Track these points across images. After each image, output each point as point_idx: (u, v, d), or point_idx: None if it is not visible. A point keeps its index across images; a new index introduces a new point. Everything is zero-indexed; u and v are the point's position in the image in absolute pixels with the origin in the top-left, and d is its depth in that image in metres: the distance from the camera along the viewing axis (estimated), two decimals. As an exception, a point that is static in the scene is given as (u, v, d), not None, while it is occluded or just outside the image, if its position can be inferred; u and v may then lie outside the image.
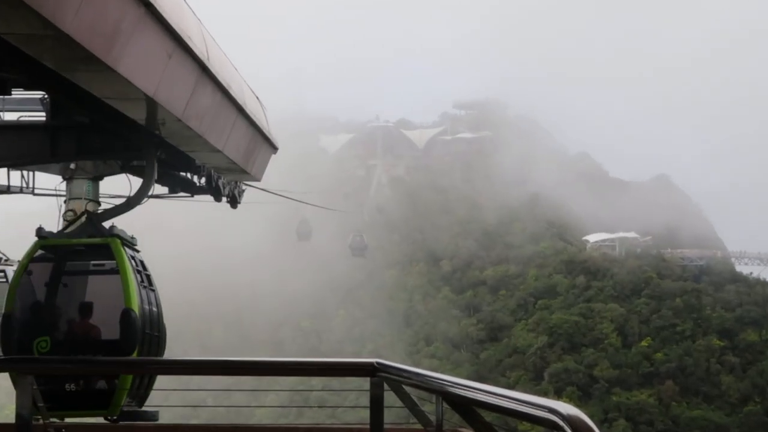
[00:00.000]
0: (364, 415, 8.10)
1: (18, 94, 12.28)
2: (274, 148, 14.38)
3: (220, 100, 10.49)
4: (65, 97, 9.59)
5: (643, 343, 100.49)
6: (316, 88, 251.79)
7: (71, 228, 12.01)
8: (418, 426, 7.75)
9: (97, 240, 11.20)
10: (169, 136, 10.49)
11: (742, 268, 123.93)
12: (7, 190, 15.39)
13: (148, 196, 11.90)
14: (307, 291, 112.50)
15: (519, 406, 4.98)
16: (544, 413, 4.59)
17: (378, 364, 7.83)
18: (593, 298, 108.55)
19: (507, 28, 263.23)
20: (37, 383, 10.70)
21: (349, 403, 66.53)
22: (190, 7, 9.29)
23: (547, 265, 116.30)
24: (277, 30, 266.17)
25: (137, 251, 11.73)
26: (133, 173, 13.12)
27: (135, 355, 10.75)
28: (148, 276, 11.62)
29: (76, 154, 12.04)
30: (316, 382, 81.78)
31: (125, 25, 7.23)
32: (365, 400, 7.95)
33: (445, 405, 6.70)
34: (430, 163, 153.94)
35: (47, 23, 6.05)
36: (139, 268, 11.36)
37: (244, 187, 16.84)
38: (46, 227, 11.63)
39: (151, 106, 8.80)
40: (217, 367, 9.94)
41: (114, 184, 14.24)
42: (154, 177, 11.61)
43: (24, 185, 15.62)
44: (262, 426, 12.61)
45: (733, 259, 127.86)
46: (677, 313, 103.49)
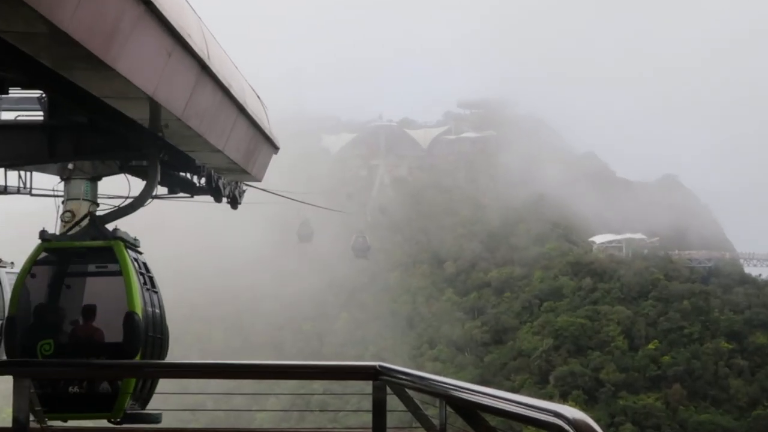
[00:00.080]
0: (366, 419, 8.10)
1: (15, 93, 12.28)
2: (275, 148, 14.38)
3: (220, 99, 10.48)
4: (63, 97, 9.59)
5: (650, 346, 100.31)
6: (317, 88, 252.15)
7: (74, 230, 12.06)
8: (422, 430, 7.73)
9: (101, 243, 11.28)
10: (169, 136, 10.50)
11: (751, 270, 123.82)
12: (4, 191, 15.38)
13: (160, 197, 11.96)
14: (309, 293, 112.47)
15: (524, 410, 4.99)
16: (550, 417, 4.60)
17: (381, 367, 7.84)
18: (599, 300, 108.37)
19: (507, 28, 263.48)
20: (40, 386, 10.82)
21: (351, 407, 66.49)
22: (190, 5, 9.28)
23: (552, 267, 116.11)
24: (277, 30, 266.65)
25: (140, 253, 11.80)
26: (132, 173, 13.14)
27: (138, 358, 10.82)
28: (151, 278, 11.71)
29: (74, 154, 12.05)
30: (317, 385, 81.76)
31: (124, 23, 7.23)
32: (368, 403, 7.95)
33: (448, 409, 6.70)
34: (434, 162, 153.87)
35: (45, 21, 6.05)
36: (142, 270, 11.44)
37: (245, 187, 16.84)
38: (44, 228, 11.68)
39: (151, 105, 8.80)
40: (219, 370, 9.95)
41: (112, 185, 14.24)
42: (157, 179, 11.67)
43: (21, 185, 15.62)
44: (263, 430, 12.63)
45: (741, 260, 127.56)
46: (685, 316, 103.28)
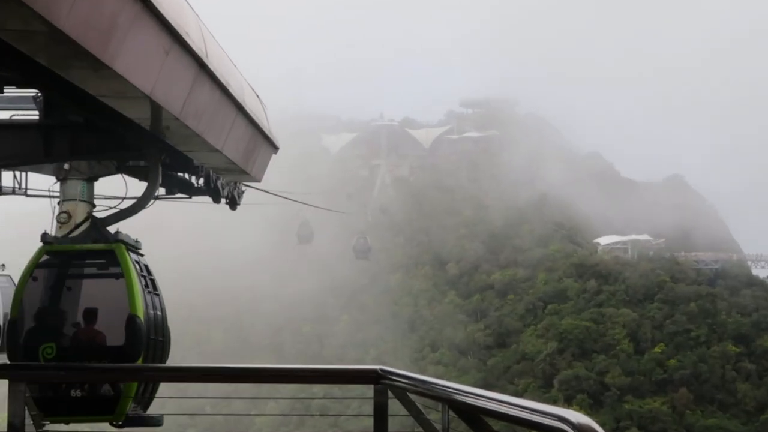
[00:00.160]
0: (367, 424, 8.09)
1: (10, 92, 12.28)
2: (274, 148, 14.37)
3: (218, 97, 10.47)
4: (59, 95, 9.60)
5: (656, 349, 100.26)
6: (317, 87, 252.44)
7: (75, 232, 12.12)
8: (424, 435, 7.74)
9: (102, 246, 11.37)
10: (168, 136, 10.51)
11: (759, 272, 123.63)
12: (-2, 191, 15.41)
13: (157, 198, 12.00)
14: (309, 295, 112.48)
15: (528, 415, 4.98)
16: (554, 422, 4.60)
17: (382, 371, 7.84)
18: (604, 302, 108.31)
19: (507, 27, 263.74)
20: (41, 390, 10.91)
21: (352, 411, 66.53)
22: (189, 3, 9.28)
23: (556, 269, 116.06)
24: (277, 30, 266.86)
25: (141, 255, 11.85)
26: (129, 174, 13.15)
27: (140, 361, 10.86)
28: (153, 281, 11.80)
29: (70, 154, 12.05)
30: (317, 389, 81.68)
31: (121, 21, 7.23)
32: (369, 408, 7.95)
33: (451, 413, 6.70)
34: (436, 162, 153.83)
35: (41, 19, 6.04)
36: (144, 273, 11.52)
37: (244, 188, 16.85)
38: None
39: (148, 104, 8.80)
40: (219, 374, 9.96)
41: (109, 186, 14.25)
42: (159, 181, 11.72)
43: (17, 186, 15.64)
44: None
45: (749, 262, 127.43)
46: (691, 319, 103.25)
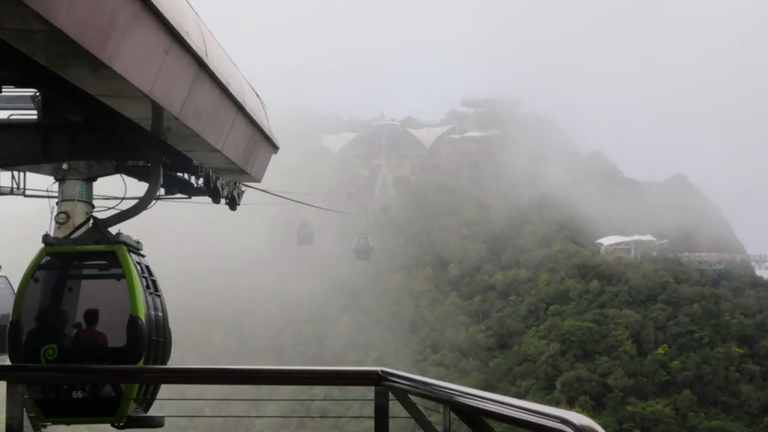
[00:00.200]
0: (368, 426, 8.09)
1: (8, 91, 12.29)
2: (274, 148, 14.38)
3: (218, 97, 10.48)
4: (58, 95, 9.59)
5: (660, 350, 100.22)
6: (318, 87, 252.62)
7: (77, 233, 12.16)
8: (425, 437, 7.74)
9: (104, 247, 11.43)
10: (168, 137, 10.52)
11: (763, 273, 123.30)
12: (-3, 191, 15.43)
13: (156, 198, 12.04)
14: (309, 296, 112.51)
15: (530, 417, 4.99)
16: (556, 424, 4.60)
17: (383, 372, 7.84)
18: (607, 303, 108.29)
19: (509, 27, 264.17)
20: (43, 391, 10.97)
21: (353, 413, 66.54)
22: (188, 2, 9.29)
23: (558, 270, 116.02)
24: (278, 30, 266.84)
25: (143, 256, 11.90)
26: (128, 174, 13.16)
27: (142, 363, 10.93)
28: (154, 281, 11.85)
29: (68, 153, 12.06)
30: (318, 391, 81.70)
31: (120, 20, 7.23)
32: (369, 410, 7.96)
33: (452, 415, 6.70)
34: (437, 162, 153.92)
35: (40, 18, 6.04)
36: (145, 274, 11.58)
37: (244, 188, 16.86)
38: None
39: (147, 104, 8.81)
40: (218, 375, 9.97)
41: (108, 186, 14.27)
42: (160, 182, 11.77)
43: (15, 186, 15.65)
44: None
45: (753, 263, 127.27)
46: (695, 320, 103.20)
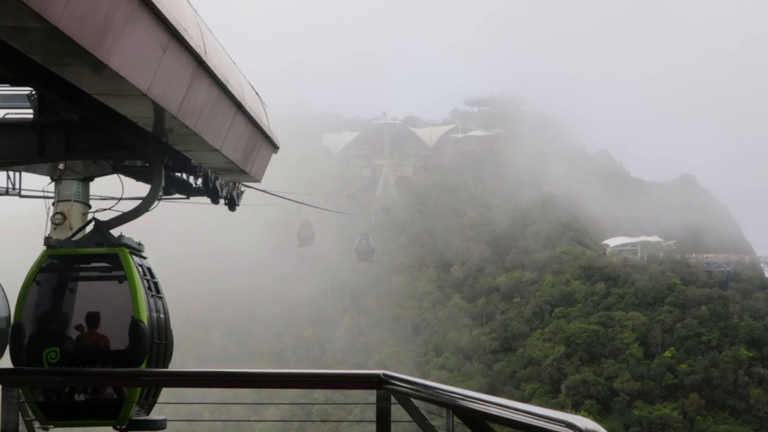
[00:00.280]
0: (369, 430, 8.11)
1: (4, 90, 12.32)
2: (274, 147, 14.38)
3: (217, 96, 10.48)
4: (54, 94, 9.60)
5: (667, 353, 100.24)
6: (319, 85, 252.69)
7: (78, 236, 12.20)
8: (428, 442, 7.73)
9: (105, 249, 11.51)
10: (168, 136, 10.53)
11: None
12: (-8, 191, 15.45)
13: (158, 199, 12.07)
14: (310, 297, 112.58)
15: (534, 421, 4.98)
16: (561, 428, 4.59)
17: (385, 375, 7.83)
18: (613, 305, 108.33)
19: (513, 25, 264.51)
20: (45, 394, 11.02)
21: (354, 417, 66.67)
22: (187, -2, 9.28)
23: (564, 271, 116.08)
24: (277, 26, 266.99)
25: (145, 258, 11.94)
26: (125, 174, 13.17)
27: (144, 365, 11.01)
28: (156, 284, 11.91)
29: (65, 153, 12.07)
30: (318, 394, 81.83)
31: (117, 17, 7.23)
32: (371, 413, 7.95)
33: (456, 419, 6.70)
34: (440, 162, 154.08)
35: (36, 15, 6.04)
36: (147, 276, 11.65)
37: (243, 188, 16.86)
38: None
39: (145, 102, 8.81)
40: (219, 378, 9.97)
41: (105, 186, 14.28)
42: (162, 183, 11.81)
43: (10, 186, 15.67)
44: None
45: (762, 264, 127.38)
46: (703, 322, 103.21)
